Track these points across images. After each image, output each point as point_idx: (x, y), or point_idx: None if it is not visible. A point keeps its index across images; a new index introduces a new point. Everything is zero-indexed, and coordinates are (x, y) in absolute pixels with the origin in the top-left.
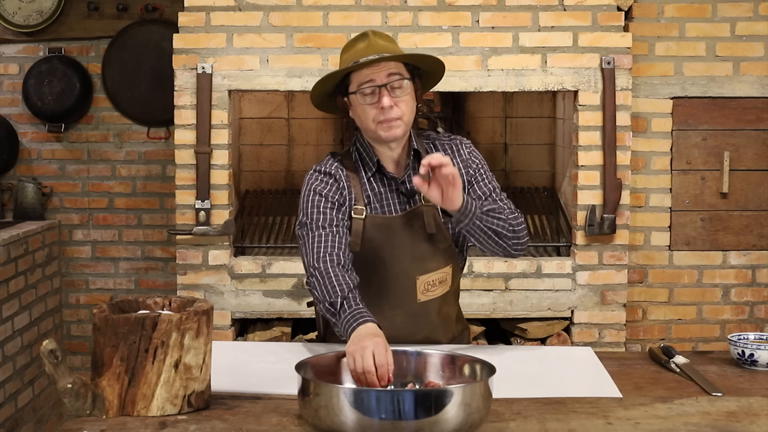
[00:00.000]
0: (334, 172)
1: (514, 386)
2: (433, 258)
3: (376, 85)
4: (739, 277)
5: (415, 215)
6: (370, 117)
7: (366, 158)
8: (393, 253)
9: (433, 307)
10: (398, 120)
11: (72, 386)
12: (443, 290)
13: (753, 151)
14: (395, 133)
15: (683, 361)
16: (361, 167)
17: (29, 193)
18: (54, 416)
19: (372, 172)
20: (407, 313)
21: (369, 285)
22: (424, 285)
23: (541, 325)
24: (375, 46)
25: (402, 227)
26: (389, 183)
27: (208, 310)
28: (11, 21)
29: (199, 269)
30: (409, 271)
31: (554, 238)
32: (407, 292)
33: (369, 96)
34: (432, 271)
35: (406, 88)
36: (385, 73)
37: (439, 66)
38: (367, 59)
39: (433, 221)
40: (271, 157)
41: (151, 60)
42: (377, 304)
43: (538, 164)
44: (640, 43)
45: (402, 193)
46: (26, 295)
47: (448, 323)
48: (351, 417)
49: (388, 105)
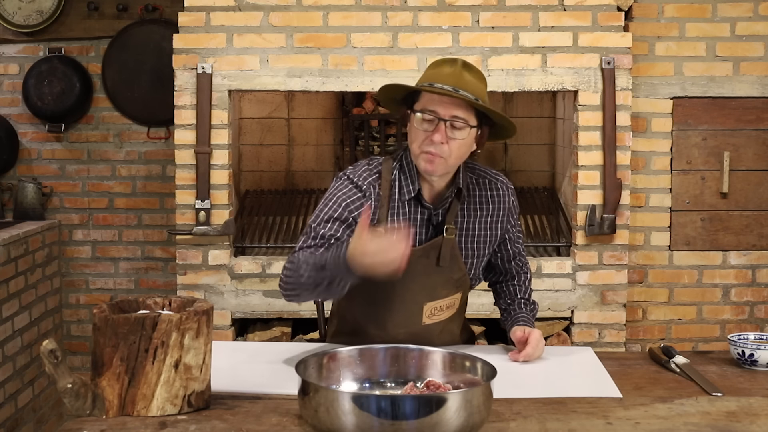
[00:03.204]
0: (366, 188)
1: (514, 386)
2: (444, 286)
3: (438, 117)
4: (739, 277)
5: (433, 247)
6: (418, 142)
7: (408, 181)
8: (404, 281)
9: (437, 327)
10: (441, 159)
11: (72, 386)
12: (450, 314)
13: (753, 151)
14: (433, 169)
15: (683, 361)
16: (397, 188)
17: (29, 193)
18: (54, 416)
19: (410, 198)
20: (410, 333)
21: (376, 304)
22: (430, 310)
23: (541, 325)
24: (457, 77)
25: (417, 259)
26: (422, 212)
27: (208, 310)
28: (11, 21)
29: (199, 269)
30: (418, 298)
31: (554, 238)
32: (413, 315)
33: (427, 123)
34: (441, 298)
35: (467, 133)
36: (452, 110)
37: (510, 124)
38: (442, 88)
39: (449, 254)
40: (271, 157)
41: (151, 60)
42: (381, 320)
43: (538, 164)
44: (640, 43)
45: (431, 224)
46: (26, 295)
47: (452, 339)
48: (351, 418)
49: (438, 141)
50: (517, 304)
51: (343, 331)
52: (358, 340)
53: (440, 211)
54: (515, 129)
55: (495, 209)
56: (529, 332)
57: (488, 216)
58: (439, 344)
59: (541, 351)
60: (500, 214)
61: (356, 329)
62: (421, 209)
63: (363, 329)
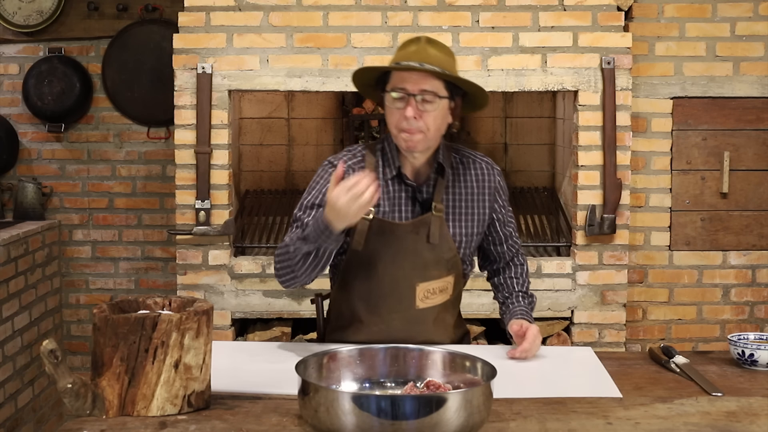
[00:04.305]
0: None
1: (514, 386)
2: (435, 266)
3: (407, 93)
4: (739, 277)
5: (422, 223)
6: (394, 121)
7: (390, 160)
8: (395, 258)
9: (431, 313)
10: (420, 133)
11: (72, 386)
12: (443, 298)
13: (753, 151)
14: (413, 145)
15: (683, 361)
16: (381, 168)
17: (29, 193)
18: (54, 416)
19: (392, 176)
20: (404, 318)
21: (368, 285)
22: (424, 292)
23: (541, 325)
24: (423, 54)
25: (407, 234)
26: (406, 189)
27: (208, 310)
28: (11, 21)
29: (199, 269)
30: (409, 277)
31: (554, 238)
32: (406, 298)
33: (399, 101)
34: (433, 279)
35: (439, 104)
36: (420, 85)
37: (481, 91)
38: (404, 65)
39: (438, 231)
40: (271, 157)
41: (151, 60)
42: (375, 305)
43: (538, 164)
44: (640, 43)
45: (417, 201)
46: (26, 295)
47: (446, 329)
48: (351, 418)
49: (410, 116)
50: (515, 297)
51: (340, 325)
52: (353, 332)
53: (424, 188)
54: (487, 96)
55: (481, 188)
56: (526, 327)
57: (475, 195)
58: (433, 334)
59: (538, 346)
60: (487, 193)
61: (352, 320)
62: (405, 187)
63: (358, 318)
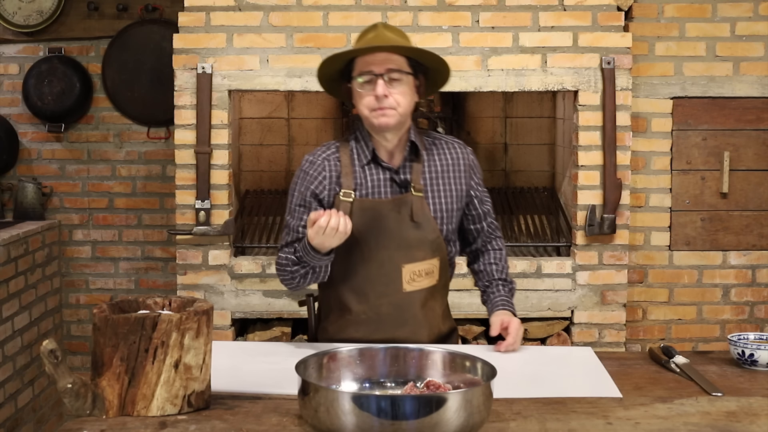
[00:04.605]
0: (321, 162)
1: (514, 386)
2: (419, 247)
3: (374, 74)
4: (739, 277)
5: (404, 202)
6: (365, 104)
7: (363, 146)
8: (379, 238)
9: (418, 297)
10: (392, 110)
11: (72, 386)
12: (430, 282)
13: (753, 151)
14: (387, 121)
15: (683, 361)
16: (356, 155)
17: (29, 193)
18: (54, 416)
19: (367, 161)
20: (392, 303)
21: (355, 269)
22: (410, 274)
23: (541, 325)
24: (382, 37)
25: (389, 212)
26: (384, 172)
27: (208, 310)
28: (11, 21)
29: (199, 269)
30: (395, 258)
31: (554, 238)
32: (393, 280)
33: (367, 84)
34: (418, 260)
35: (405, 81)
36: (385, 64)
37: (444, 65)
38: (367, 47)
39: (421, 211)
40: (271, 157)
41: (151, 60)
42: (363, 290)
43: (538, 164)
44: (640, 43)
45: (396, 183)
46: (26, 295)
47: (433, 318)
48: (351, 418)
49: (381, 93)
50: (495, 286)
51: (330, 321)
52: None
53: (401, 171)
54: (448, 67)
55: (456, 166)
56: (507, 322)
57: (451, 172)
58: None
59: (521, 338)
60: (463, 170)
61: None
62: (383, 170)
63: (347, 309)
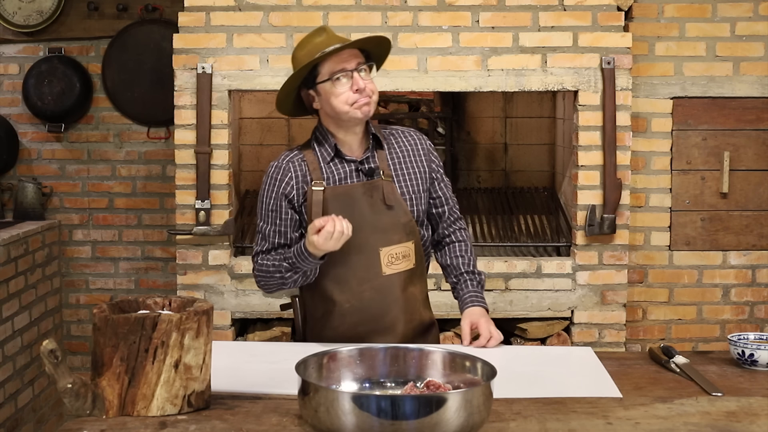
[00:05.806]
0: (286, 165)
1: (514, 386)
2: (394, 230)
3: (349, 71)
4: (739, 277)
5: (375, 187)
6: (344, 101)
7: (324, 144)
8: (354, 222)
9: (398, 281)
10: (370, 98)
11: (72, 386)
12: (407, 265)
13: (753, 151)
14: (369, 109)
15: (683, 361)
16: (320, 154)
17: (29, 193)
18: (54, 416)
19: (331, 157)
20: (374, 288)
21: (335, 258)
22: (387, 257)
23: (541, 325)
24: (334, 39)
25: (362, 197)
26: (349, 164)
27: (208, 310)
28: (11, 21)
29: (199, 269)
30: (372, 242)
31: (554, 238)
32: (372, 264)
33: (344, 81)
34: (395, 243)
35: (371, 71)
36: (354, 60)
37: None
38: (337, 47)
39: (392, 194)
40: (271, 157)
41: (151, 60)
42: (344, 278)
43: (538, 164)
44: (640, 43)
45: (362, 173)
46: (26, 295)
47: (414, 304)
48: (351, 418)
49: (362, 86)
50: (464, 282)
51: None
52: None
53: (365, 161)
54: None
55: (416, 151)
56: (475, 323)
57: (412, 156)
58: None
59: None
60: (422, 154)
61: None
62: (347, 163)
63: (331, 300)
